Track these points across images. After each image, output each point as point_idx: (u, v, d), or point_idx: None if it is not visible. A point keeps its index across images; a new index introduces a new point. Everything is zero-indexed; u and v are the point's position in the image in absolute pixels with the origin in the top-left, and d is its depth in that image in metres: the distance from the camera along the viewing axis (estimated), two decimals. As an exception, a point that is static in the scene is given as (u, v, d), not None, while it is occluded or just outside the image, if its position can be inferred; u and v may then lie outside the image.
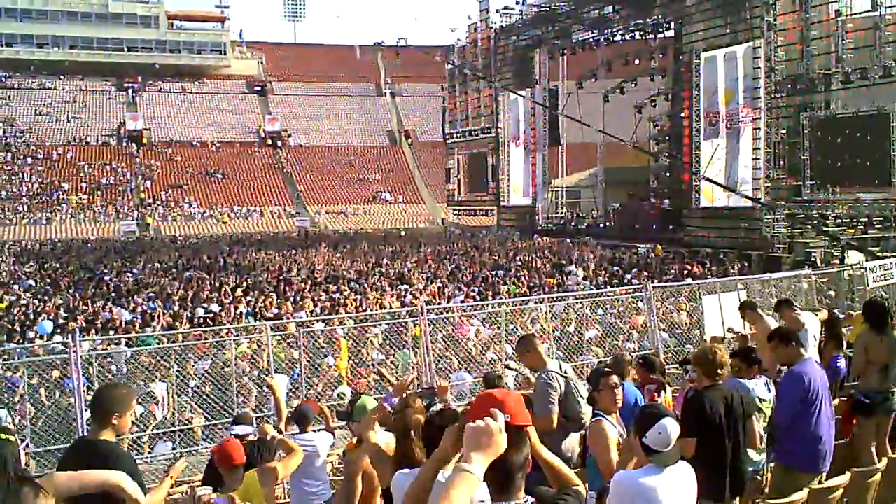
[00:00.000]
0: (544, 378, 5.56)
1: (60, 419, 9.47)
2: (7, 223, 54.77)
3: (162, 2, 79.49)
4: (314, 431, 6.38)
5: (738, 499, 5.01)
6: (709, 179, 28.98)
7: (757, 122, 28.46)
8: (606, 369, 5.52)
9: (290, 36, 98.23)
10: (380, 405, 4.61)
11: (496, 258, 30.47)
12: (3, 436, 3.09)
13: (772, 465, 5.76)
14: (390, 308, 17.58)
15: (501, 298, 18.29)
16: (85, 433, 7.33)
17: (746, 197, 28.13)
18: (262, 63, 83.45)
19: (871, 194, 26.52)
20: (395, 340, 12.17)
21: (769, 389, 5.90)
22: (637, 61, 42.03)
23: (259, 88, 79.75)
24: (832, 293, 14.94)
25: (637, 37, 40.43)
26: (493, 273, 25.32)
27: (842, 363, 8.37)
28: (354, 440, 5.39)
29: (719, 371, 5.10)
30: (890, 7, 25.26)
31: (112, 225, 56.50)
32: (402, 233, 50.47)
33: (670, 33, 37.39)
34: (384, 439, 4.32)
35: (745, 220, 29.23)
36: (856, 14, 26.48)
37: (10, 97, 70.44)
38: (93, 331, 15.85)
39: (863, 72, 25.50)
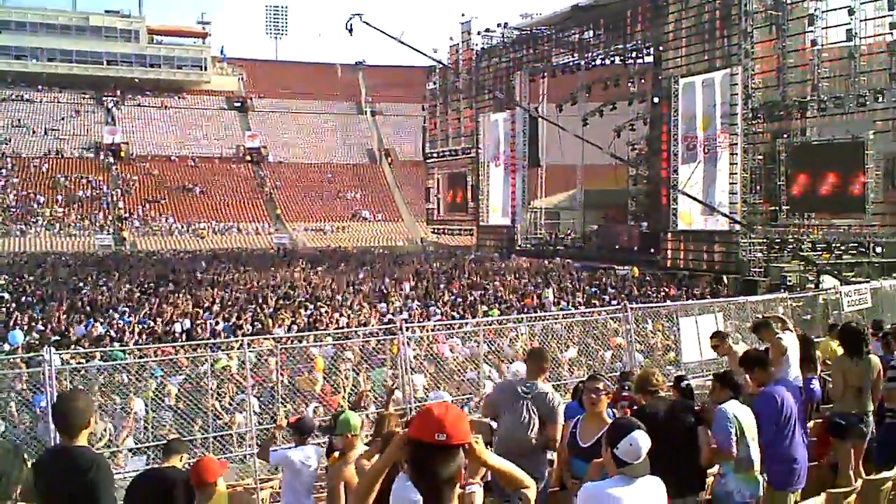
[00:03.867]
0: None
1: (29, 436, 9.27)
2: (-20, 235, 54.09)
3: (143, 16, 79.33)
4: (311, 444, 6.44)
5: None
6: (687, 195, 29.16)
7: (734, 148, 28.72)
8: (593, 374, 6.34)
9: (272, 52, 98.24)
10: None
11: (474, 278, 30.45)
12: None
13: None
14: (368, 326, 17.55)
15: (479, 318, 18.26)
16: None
17: (725, 215, 28.32)
18: (242, 79, 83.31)
19: (844, 221, 26.84)
20: (373, 359, 12.10)
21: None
22: (616, 86, 42.50)
23: (239, 104, 79.51)
24: (808, 317, 15.08)
25: (616, 61, 40.89)
26: (471, 293, 25.28)
27: (815, 385, 8.44)
28: (336, 454, 5.47)
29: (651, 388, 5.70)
30: (864, 38, 25.70)
31: (88, 238, 55.94)
32: (380, 251, 50.40)
33: (649, 58, 37.85)
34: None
35: (722, 243, 29.47)
36: (831, 44, 26.87)
37: (-14, 108, 69.78)
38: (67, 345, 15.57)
39: (838, 100, 25.88)
